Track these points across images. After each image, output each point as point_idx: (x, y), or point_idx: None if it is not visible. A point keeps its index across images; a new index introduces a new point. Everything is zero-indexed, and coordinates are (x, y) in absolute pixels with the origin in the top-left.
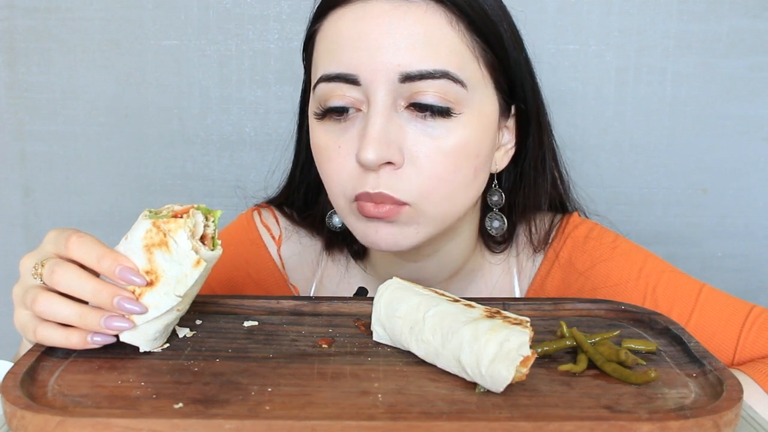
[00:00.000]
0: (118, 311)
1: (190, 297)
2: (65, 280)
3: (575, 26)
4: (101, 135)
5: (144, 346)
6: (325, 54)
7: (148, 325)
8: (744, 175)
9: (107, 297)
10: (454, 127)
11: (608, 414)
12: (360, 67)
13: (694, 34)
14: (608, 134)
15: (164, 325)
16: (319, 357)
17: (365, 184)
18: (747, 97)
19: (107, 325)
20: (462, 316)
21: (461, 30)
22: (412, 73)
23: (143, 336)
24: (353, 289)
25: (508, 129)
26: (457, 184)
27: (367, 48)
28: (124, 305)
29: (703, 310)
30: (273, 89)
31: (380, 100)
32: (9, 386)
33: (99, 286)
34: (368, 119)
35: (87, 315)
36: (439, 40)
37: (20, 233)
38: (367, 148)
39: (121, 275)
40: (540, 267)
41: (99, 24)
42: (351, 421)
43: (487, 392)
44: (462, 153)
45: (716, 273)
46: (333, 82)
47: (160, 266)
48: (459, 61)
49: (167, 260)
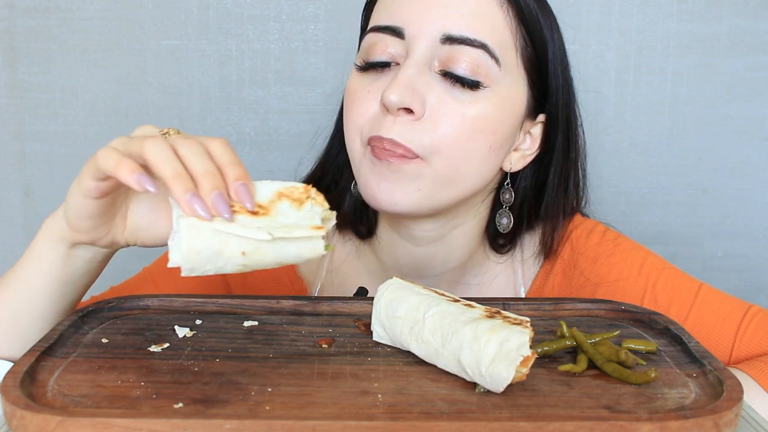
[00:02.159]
0: (210, 202)
1: (258, 261)
2: (191, 147)
3: (575, 26)
4: (101, 135)
5: (185, 262)
6: (380, 10)
7: (208, 236)
8: (744, 175)
9: (213, 183)
10: (479, 98)
11: (608, 414)
12: (407, 20)
13: (694, 34)
14: (608, 134)
15: (217, 250)
16: (319, 357)
17: (380, 127)
18: (747, 97)
19: (189, 202)
20: (462, 316)
21: (509, 15)
22: (454, 36)
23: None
24: (361, 274)
25: (532, 136)
26: (470, 152)
27: (418, 4)
28: (218, 201)
29: (702, 307)
30: (273, 89)
31: (418, 53)
32: (9, 386)
33: (215, 171)
34: (401, 68)
35: (181, 178)
36: (485, 16)
37: (20, 233)
38: (393, 88)
39: (238, 189)
40: (542, 266)
41: (99, 24)
42: (351, 421)
43: (487, 392)
44: (481, 124)
45: (716, 273)
46: (380, 33)
47: (277, 209)
48: (499, 41)
49: (289, 210)
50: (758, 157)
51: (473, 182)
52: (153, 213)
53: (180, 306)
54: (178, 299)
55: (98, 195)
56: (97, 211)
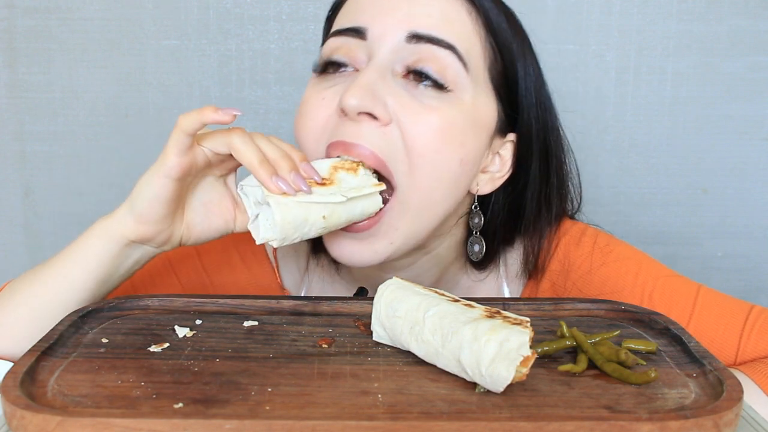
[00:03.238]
0: (289, 179)
1: (335, 222)
2: (263, 139)
3: (575, 26)
4: (101, 135)
5: (279, 233)
6: (341, 16)
7: (294, 208)
8: (744, 175)
9: (290, 164)
10: (444, 102)
11: (608, 414)
12: (371, 20)
13: (694, 34)
14: (608, 134)
15: (304, 218)
16: (319, 357)
17: (343, 133)
18: (747, 97)
19: (275, 182)
20: (462, 316)
21: (478, 24)
22: (421, 33)
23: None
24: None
25: (501, 158)
26: (440, 167)
27: (382, 5)
28: (296, 178)
29: (702, 314)
30: (273, 89)
31: (381, 55)
32: (9, 386)
33: (289, 154)
34: (361, 72)
35: (265, 164)
36: (453, 20)
37: (20, 233)
38: (352, 90)
39: (305, 168)
40: (527, 284)
41: (99, 24)
42: (351, 421)
43: (487, 392)
44: (449, 132)
45: (716, 273)
46: (342, 36)
47: (339, 179)
48: (467, 47)
49: (348, 177)
50: (758, 157)
51: (445, 206)
52: (206, 207)
53: (180, 306)
54: (178, 299)
55: (179, 173)
56: (171, 196)
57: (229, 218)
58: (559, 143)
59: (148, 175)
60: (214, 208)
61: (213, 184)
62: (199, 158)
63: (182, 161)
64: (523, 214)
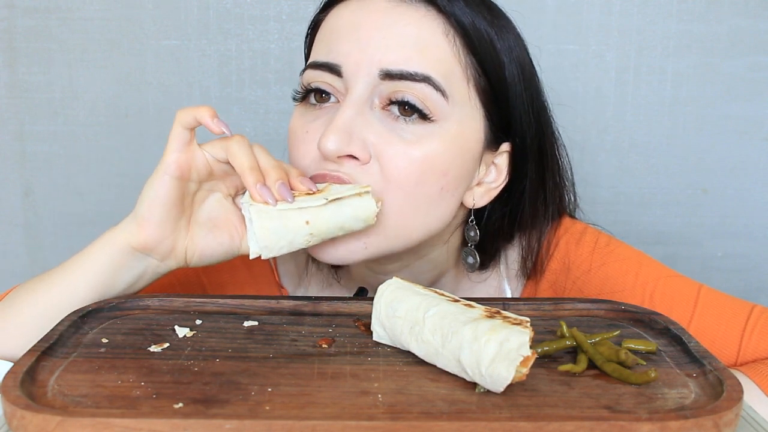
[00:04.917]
0: (275, 189)
1: (323, 228)
2: (262, 149)
3: (575, 26)
4: (101, 135)
5: (260, 241)
6: (319, 43)
7: (274, 215)
8: (744, 175)
9: (278, 174)
10: (426, 135)
11: (608, 414)
12: (345, 57)
13: (694, 34)
14: (608, 134)
15: (284, 224)
16: (319, 357)
17: (325, 168)
18: (747, 97)
19: (260, 190)
20: (462, 316)
21: (456, 44)
22: (393, 71)
23: (265, 223)
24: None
25: (497, 167)
26: (419, 198)
27: (356, 41)
28: (283, 189)
29: (702, 314)
30: (273, 89)
31: (356, 92)
32: (9, 386)
33: (280, 165)
34: (339, 108)
35: (255, 171)
36: (428, 46)
37: (20, 233)
38: (329, 135)
39: (301, 178)
40: (526, 285)
41: (99, 24)
42: (351, 421)
43: (487, 392)
44: (429, 165)
45: (716, 273)
46: (318, 69)
47: (329, 188)
48: (445, 71)
49: (339, 186)
50: (758, 157)
51: (426, 229)
52: (212, 222)
53: (180, 306)
54: (178, 299)
55: (177, 170)
56: (171, 196)
57: (236, 236)
58: (553, 142)
59: (151, 177)
60: (221, 224)
61: (221, 202)
62: (199, 160)
63: (180, 157)
64: (522, 215)
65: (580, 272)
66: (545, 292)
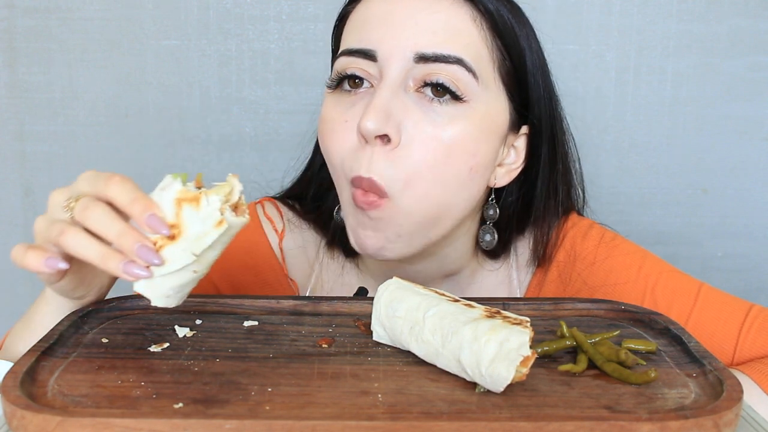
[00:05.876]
0: (137, 258)
1: (208, 262)
2: (96, 216)
3: (575, 26)
4: (101, 135)
5: (156, 300)
6: (351, 32)
7: (163, 279)
8: (744, 175)
9: (131, 241)
10: (457, 116)
11: (608, 414)
12: (379, 42)
13: (694, 34)
14: (608, 134)
15: (179, 284)
16: (319, 357)
17: (360, 167)
18: (747, 97)
19: (126, 270)
20: (462, 316)
21: (483, 29)
22: (428, 54)
23: (157, 289)
24: (349, 288)
25: (516, 150)
26: (447, 178)
27: (389, 27)
28: (143, 253)
29: (702, 309)
30: (273, 89)
31: (392, 75)
32: (9, 386)
33: (125, 229)
34: (375, 91)
35: (109, 256)
36: (458, 31)
37: (20, 233)
38: (368, 115)
39: (148, 221)
40: (535, 273)
41: (99, 24)
42: (351, 421)
43: (487, 392)
44: (459, 146)
45: (716, 273)
46: (353, 56)
47: (184, 221)
48: (475, 55)
49: (193, 216)
50: (758, 157)
51: (460, 210)
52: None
53: (180, 306)
54: None
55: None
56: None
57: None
58: (562, 128)
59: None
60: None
61: None
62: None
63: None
64: (534, 203)
65: (585, 264)
66: (553, 281)
